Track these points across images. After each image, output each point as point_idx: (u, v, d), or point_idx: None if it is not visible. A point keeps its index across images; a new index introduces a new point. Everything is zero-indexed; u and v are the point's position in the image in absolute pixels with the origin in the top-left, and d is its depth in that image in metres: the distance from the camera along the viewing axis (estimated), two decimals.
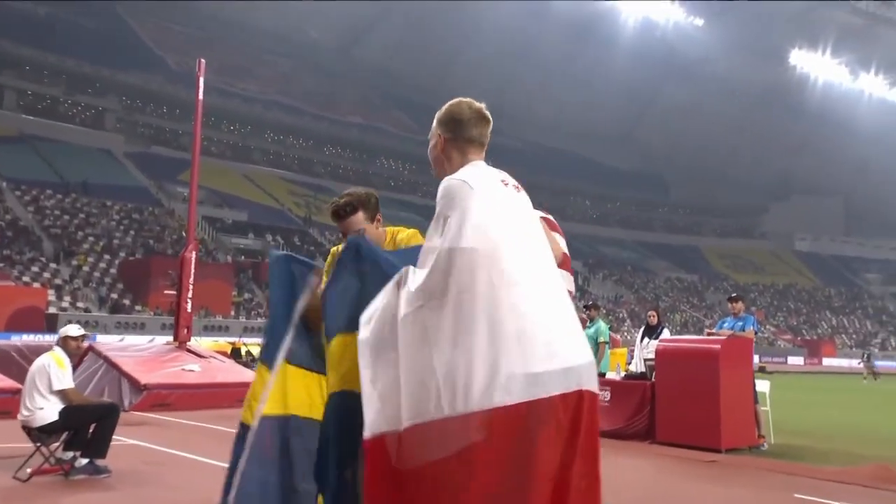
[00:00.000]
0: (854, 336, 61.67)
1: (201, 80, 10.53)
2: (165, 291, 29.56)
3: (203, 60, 10.58)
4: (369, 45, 68.89)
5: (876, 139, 72.15)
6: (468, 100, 2.40)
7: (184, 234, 32.43)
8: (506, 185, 2.25)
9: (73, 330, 6.04)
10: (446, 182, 2.18)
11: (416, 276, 2.10)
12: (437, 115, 2.40)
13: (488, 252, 2.03)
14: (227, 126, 56.51)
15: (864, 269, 73.91)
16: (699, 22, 64.69)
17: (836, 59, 66.52)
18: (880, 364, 43.99)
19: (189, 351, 11.02)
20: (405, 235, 3.02)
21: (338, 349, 2.48)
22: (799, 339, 57.31)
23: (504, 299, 1.98)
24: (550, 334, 2.00)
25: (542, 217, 2.52)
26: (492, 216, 2.09)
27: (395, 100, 69.39)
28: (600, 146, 74.35)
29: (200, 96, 10.68)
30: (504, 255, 2.04)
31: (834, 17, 63.02)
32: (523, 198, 2.29)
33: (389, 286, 2.15)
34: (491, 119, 2.39)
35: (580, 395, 2.02)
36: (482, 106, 2.39)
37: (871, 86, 69.30)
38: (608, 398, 8.56)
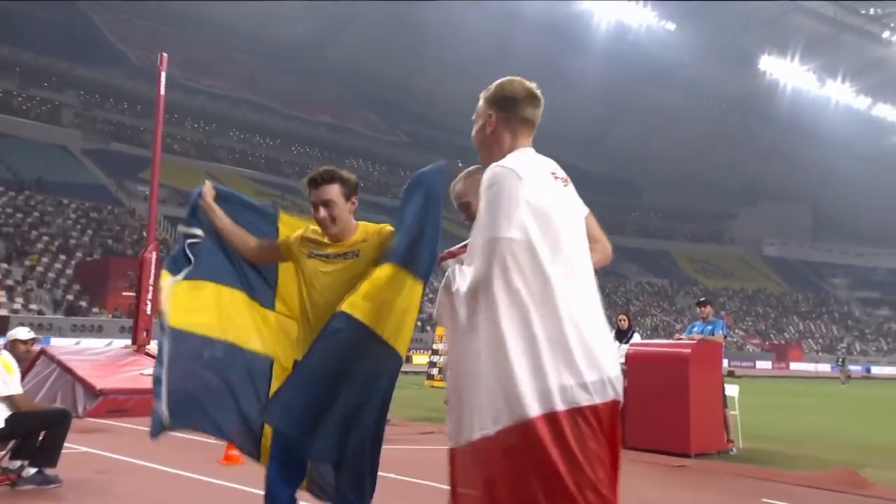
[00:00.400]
0: (821, 341, 62.80)
1: (163, 75, 10.26)
2: (124, 293, 29.03)
3: (165, 55, 10.31)
4: (341, 45, 68.56)
5: (842, 147, 73.70)
6: (518, 78, 2.29)
7: (144, 233, 31.87)
8: (556, 177, 2.16)
9: (23, 333, 5.85)
10: (493, 169, 2.07)
11: (463, 276, 2.03)
12: (485, 95, 2.29)
13: (531, 246, 1.96)
14: (191, 123, 55.79)
15: (831, 275, 75.45)
16: (671, 26, 65.41)
17: (805, 65, 67.73)
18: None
19: (148, 355, 10.73)
20: (392, 230, 3.01)
21: (383, 276, 2.68)
22: (767, 343, 58.22)
23: (546, 301, 1.94)
24: (590, 341, 1.97)
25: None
26: (538, 209, 2.00)
27: (366, 100, 69.11)
28: (573, 149, 74.48)
29: (162, 92, 10.40)
30: (545, 251, 1.97)
31: (802, 24, 64.20)
32: (571, 192, 2.20)
33: (440, 292, 2.09)
34: (542, 100, 2.28)
35: (616, 404, 2.01)
36: (533, 85, 2.28)
37: (838, 93, 70.69)
38: None
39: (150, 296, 10.78)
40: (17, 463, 5.47)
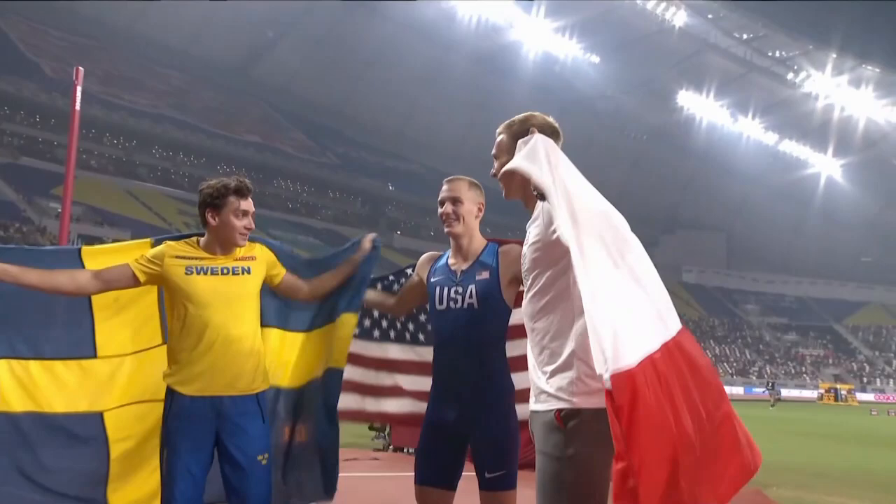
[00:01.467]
0: (735, 364, 65.08)
1: (79, 89, 9.78)
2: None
3: (81, 68, 9.84)
4: (270, 64, 67.76)
5: (753, 179, 77.56)
6: (539, 113, 2.37)
7: None
8: None
9: None
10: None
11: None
12: (509, 129, 2.35)
13: None
14: (109, 139, 53.75)
15: (744, 301, 78.61)
16: (595, 59, 67.56)
17: (719, 101, 71.14)
18: (756, 391, 46.60)
19: None
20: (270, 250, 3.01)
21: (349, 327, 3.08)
22: None
23: None
24: None
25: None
26: None
27: (295, 120, 68.33)
28: None
29: (77, 107, 9.82)
30: None
31: (716, 62, 67.53)
32: None
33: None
34: (562, 135, 2.33)
35: None
36: (552, 120, 2.36)
37: (749, 128, 74.43)
38: None
39: None
40: None
